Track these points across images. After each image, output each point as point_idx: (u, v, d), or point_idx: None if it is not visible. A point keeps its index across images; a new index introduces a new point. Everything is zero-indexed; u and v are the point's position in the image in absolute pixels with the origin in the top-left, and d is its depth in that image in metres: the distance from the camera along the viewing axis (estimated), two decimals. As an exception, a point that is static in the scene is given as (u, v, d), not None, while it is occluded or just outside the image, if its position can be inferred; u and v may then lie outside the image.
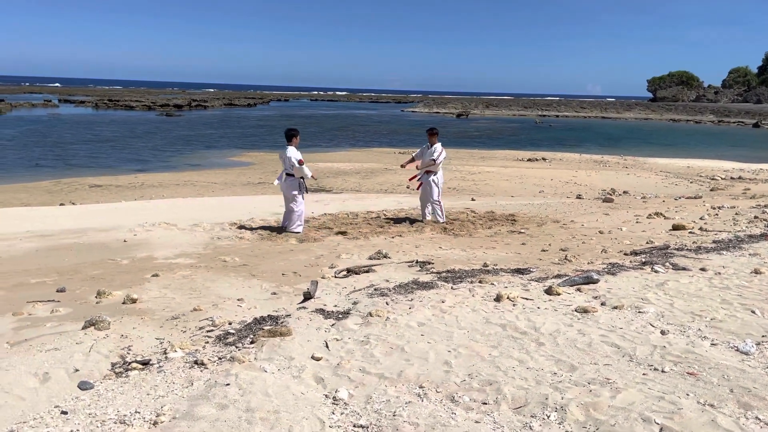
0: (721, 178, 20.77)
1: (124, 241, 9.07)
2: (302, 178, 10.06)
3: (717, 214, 11.11)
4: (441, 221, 10.89)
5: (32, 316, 5.41)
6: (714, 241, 8.36)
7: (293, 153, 9.97)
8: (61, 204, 14.39)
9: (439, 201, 10.99)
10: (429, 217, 11.02)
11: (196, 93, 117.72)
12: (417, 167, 11.28)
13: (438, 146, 10.90)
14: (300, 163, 9.91)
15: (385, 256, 7.85)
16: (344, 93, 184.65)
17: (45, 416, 3.44)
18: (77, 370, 4.03)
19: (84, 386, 3.83)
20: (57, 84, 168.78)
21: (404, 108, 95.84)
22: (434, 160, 10.86)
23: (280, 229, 10.00)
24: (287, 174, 10.06)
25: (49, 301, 5.91)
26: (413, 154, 11.61)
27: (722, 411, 3.32)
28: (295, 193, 9.96)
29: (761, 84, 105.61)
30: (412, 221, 11.02)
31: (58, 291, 6.29)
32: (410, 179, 12.19)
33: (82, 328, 4.86)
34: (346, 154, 29.48)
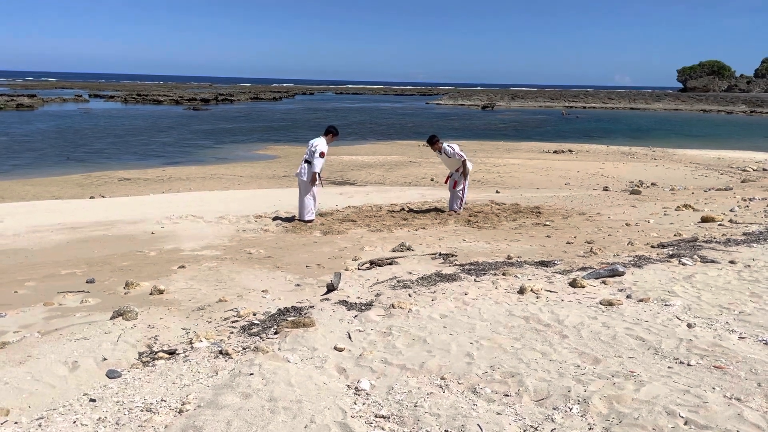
0: (753, 170, 20.28)
1: (152, 233, 9.22)
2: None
3: (748, 206, 10.88)
4: (453, 208, 11.03)
5: (62, 306, 5.54)
6: (744, 234, 8.19)
7: (321, 143, 10.14)
8: (91, 197, 14.65)
9: (461, 190, 11.00)
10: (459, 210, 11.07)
11: (222, 87, 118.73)
12: (450, 176, 11.16)
13: (448, 148, 11.03)
14: (321, 155, 10.04)
15: (408, 249, 7.86)
16: (372, 87, 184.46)
17: (74, 403, 3.52)
18: (105, 359, 4.12)
19: (112, 375, 3.91)
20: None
21: (429, 100, 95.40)
22: (463, 161, 10.94)
23: (304, 221, 10.09)
24: (306, 161, 10.20)
25: (78, 291, 6.04)
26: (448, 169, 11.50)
27: (749, 405, 3.26)
28: (311, 181, 10.10)
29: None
30: (436, 212, 11.02)
31: (87, 282, 6.43)
32: (449, 183, 11.40)
33: (111, 318, 4.97)
34: (371, 147, 29.48)
